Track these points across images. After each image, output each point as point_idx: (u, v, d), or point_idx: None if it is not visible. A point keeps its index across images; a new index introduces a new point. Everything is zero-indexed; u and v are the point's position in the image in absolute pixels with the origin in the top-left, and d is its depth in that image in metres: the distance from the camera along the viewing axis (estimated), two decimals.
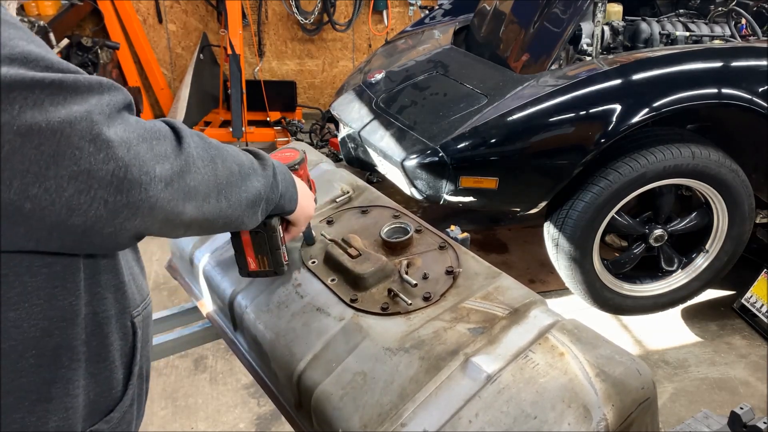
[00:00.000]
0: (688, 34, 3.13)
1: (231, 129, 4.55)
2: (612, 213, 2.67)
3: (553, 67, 2.85)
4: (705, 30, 3.19)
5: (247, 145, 4.53)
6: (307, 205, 1.17)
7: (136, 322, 0.94)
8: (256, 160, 1.00)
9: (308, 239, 1.45)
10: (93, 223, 0.70)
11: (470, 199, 2.65)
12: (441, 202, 2.67)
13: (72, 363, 0.83)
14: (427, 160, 2.59)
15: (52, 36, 3.67)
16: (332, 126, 4.65)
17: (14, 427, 0.79)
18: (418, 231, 1.47)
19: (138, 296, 0.95)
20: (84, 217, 0.69)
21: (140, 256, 1.02)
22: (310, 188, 1.34)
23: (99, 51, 4.25)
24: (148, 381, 1.05)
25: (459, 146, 2.58)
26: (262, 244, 1.17)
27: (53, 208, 0.67)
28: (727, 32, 3.17)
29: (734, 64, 2.68)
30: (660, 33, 3.10)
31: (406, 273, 1.31)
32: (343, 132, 3.16)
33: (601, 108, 2.56)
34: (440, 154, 2.57)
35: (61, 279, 0.78)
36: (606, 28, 3.12)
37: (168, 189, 0.75)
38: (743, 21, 3.19)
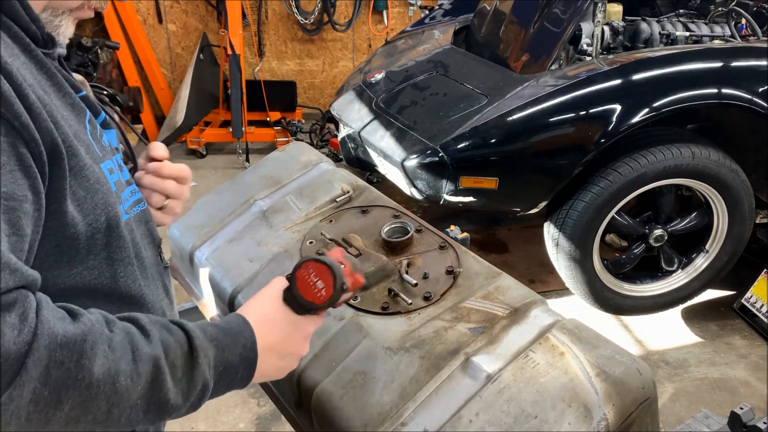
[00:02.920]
0: (688, 34, 3.13)
1: (231, 129, 4.55)
2: (612, 213, 2.67)
3: (553, 67, 2.85)
4: (705, 30, 3.19)
5: (247, 145, 4.54)
6: (274, 369, 0.90)
7: None
8: (183, 362, 0.77)
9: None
10: None
11: (470, 199, 2.65)
12: (441, 202, 2.67)
13: None
14: (427, 160, 2.59)
15: None
16: (332, 126, 4.65)
17: None
18: (418, 231, 1.47)
19: None
20: None
21: (170, 282, 0.98)
22: (331, 271, 0.91)
23: (99, 51, 4.26)
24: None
25: (459, 146, 2.58)
26: None
27: None
28: (727, 32, 3.17)
29: (734, 64, 2.68)
30: (660, 33, 3.10)
31: (407, 273, 1.31)
32: (343, 132, 3.16)
33: (601, 108, 2.56)
34: (440, 154, 2.57)
35: None
36: (606, 28, 3.12)
37: None
38: (743, 21, 3.19)
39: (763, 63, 2.64)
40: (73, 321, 0.70)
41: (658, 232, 2.82)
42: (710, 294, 3.14)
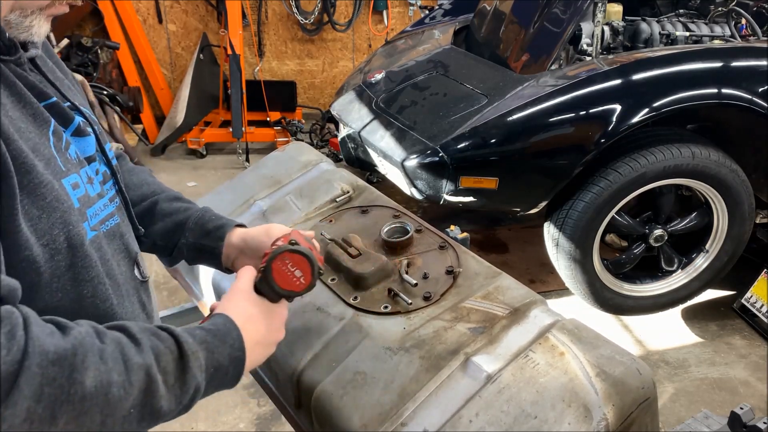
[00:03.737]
0: (688, 34, 3.13)
1: (231, 129, 4.55)
2: (612, 213, 2.67)
3: (553, 67, 2.85)
4: (705, 30, 3.19)
5: (247, 145, 4.54)
6: (259, 359, 0.94)
7: None
8: (174, 367, 0.77)
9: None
10: None
11: (470, 199, 2.65)
12: (441, 202, 2.67)
13: None
14: (428, 160, 2.59)
15: (52, 36, 3.67)
16: (332, 126, 4.65)
17: None
18: (418, 231, 1.47)
19: None
20: None
21: (149, 295, 0.98)
22: (308, 259, 0.95)
23: (99, 51, 4.26)
24: None
25: (459, 146, 2.58)
26: None
27: None
28: (727, 32, 3.17)
29: (734, 64, 2.68)
30: (660, 33, 3.11)
31: (407, 273, 1.31)
32: (343, 132, 3.16)
33: (601, 108, 2.56)
34: (440, 154, 2.57)
35: None
36: (606, 28, 3.12)
37: None
38: (743, 21, 3.19)
39: (763, 63, 2.64)
40: (63, 335, 0.68)
41: (658, 232, 2.82)
42: (710, 294, 3.14)
